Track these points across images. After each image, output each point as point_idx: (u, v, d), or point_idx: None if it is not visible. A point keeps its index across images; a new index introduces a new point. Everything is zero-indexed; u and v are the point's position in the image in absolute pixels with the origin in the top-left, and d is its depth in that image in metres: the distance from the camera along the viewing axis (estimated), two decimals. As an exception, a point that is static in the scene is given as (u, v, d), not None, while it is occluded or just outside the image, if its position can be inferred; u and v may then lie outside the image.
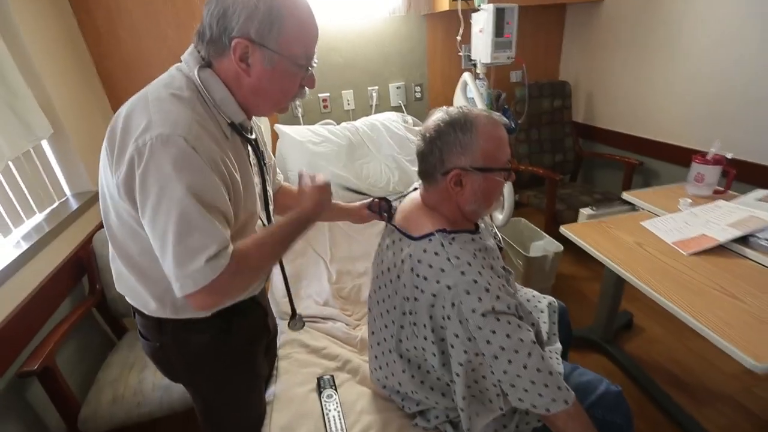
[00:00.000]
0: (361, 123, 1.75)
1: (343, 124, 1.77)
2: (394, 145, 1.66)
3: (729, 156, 1.30)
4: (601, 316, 1.64)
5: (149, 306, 0.74)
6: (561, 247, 1.86)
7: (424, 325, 0.79)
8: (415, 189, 1.01)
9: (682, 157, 1.96)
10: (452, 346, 0.76)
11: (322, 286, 1.42)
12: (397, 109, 2.33)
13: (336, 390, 1.02)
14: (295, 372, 1.10)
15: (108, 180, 0.65)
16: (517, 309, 0.75)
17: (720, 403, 1.40)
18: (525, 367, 0.72)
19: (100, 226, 1.51)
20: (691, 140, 1.93)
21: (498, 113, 0.82)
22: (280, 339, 1.22)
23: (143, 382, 1.21)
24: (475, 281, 0.72)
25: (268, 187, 0.86)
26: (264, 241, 0.71)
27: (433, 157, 0.81)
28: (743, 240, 1.06)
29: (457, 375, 0.77)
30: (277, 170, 1.05)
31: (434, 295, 0.76)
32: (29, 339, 1.14)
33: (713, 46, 1.75)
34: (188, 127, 0.60)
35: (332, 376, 1.07)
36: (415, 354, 0.85)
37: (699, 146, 1.86)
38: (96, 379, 1.25)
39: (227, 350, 0.84)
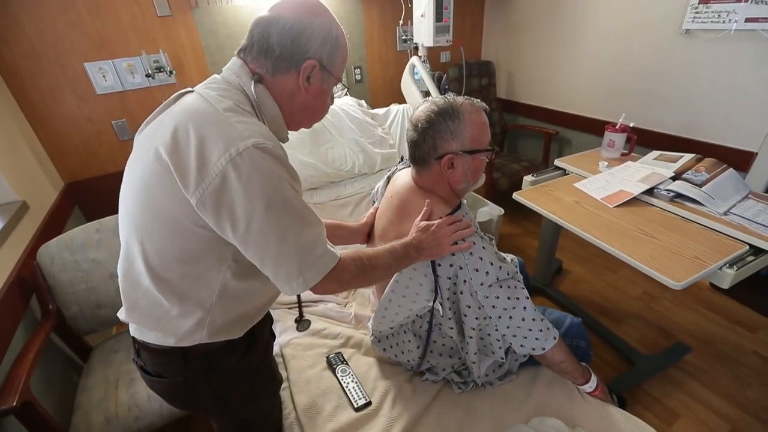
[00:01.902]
0: (320, 109, 1.76)
1: (302, 111, 1.77)
2: (355, 128, 1.71)
3: (631, 125, 1.61)
4: (541, 264, 1.93)
5: (178, 332, 0.70)
6: (502, 211, 2.12)
7: (441, 304, 0.91)
8: (398, 170, 1.11)
9: (590, 127, 2.33)
10: (465, 316, 0.90)
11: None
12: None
13: (347, 364, 1.11)
14: (301, 356, 1.15)
15: (160, 197, 0.62)
16: (511, 271, 0.91)
17: (632, 320, 1.79)
18: (523, 320, 0.88)
19: (40, 240, 1.34)
20: (598, 112, 2.30)
21: (478, 99, 0.94)
22: (278, 327, 1.25)
23: (136, 396, 1.16)
24: (481, 258, 0.86)
25: None
26: (374, 250, 0.80)
27: (426, 145, 0.90)
28: (650, 191, 1.36)
29: (470, 338, 0.91)
30: None
31: (449, 278, 0.88)
32: (-10, 375, 1.01)
33: (611, 32, 2.08)
34: (272, 136, 0.64)
35: (340, 353, 1.14)
36: (426, 329, 0.98)
37: (604, 117, 2.23)
38: (77, 404, 1.16)
39: (253, 365, 0.83)
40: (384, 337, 1.08)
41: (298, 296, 1.10)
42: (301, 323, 1.14)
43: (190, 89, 0.70)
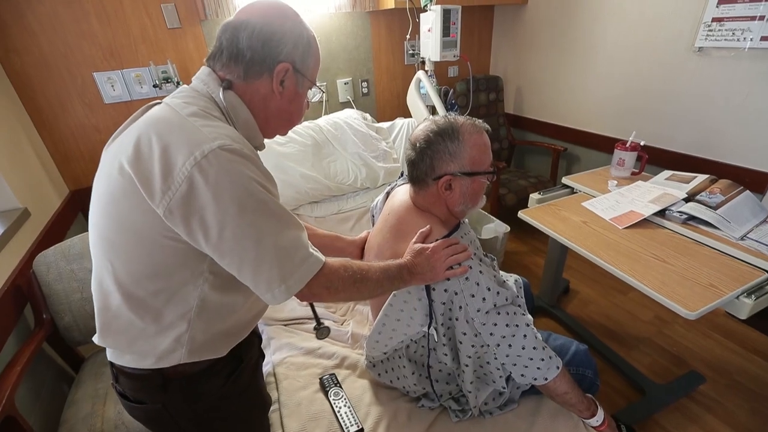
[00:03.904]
0: (324, 122, 1.75)
1: (305, 123, 1.76)
2: (359, 142, 1.70)
3: (642, 143, 1.56)
4: (547, 284, 1.87)
5: (155, 351, 0.66)
6: (508, 228, 2.07)
7: (436, 330, 0.87)
8: (397, 185, 1.08)
9: (599, 144, 2.29)
10: (461, 342, 0.85)
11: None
12: (346, 104, 2.35)
13: (341, 387, 1.06)
14: (294, 376, 1.11)
15: (126, 210, 0.59)
16: (511, 297, 0.87)
17: (642, 345, 1.71)
18: (523, 348, 0.84)
19: (39, 247, 1.33)
20: (607, 129, 2.25)
21: (480, 120, 0.91)
22: (272, 344, 1.22)
23: (123, 413, 1.11)
24: (477, 283, 0.82)
25: None
26: (364, 263, 0.75)
27: (424, 165, 0.88)
28: (661, 213, 1.30)
29: (466, 366, 0.87)
30: None
31: (443, 303, 0.84)
32: (-23, 387, 0.99)
33: (622, 49, 2.05)
34: (241, 139, 0.61)
35: (334, 374, 1.10)
36: (422, 354, 0.93)
37: (614, 134, 2.19)
38: (63, 419, 1.13)
39: (238, 389, 0.79)
40: (379, 361, 1.03)
41: (311, 303, 1.07)
42: (320, 330, 1.11)
43: (158, 101, 0.68)
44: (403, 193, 1.01)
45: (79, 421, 1.11)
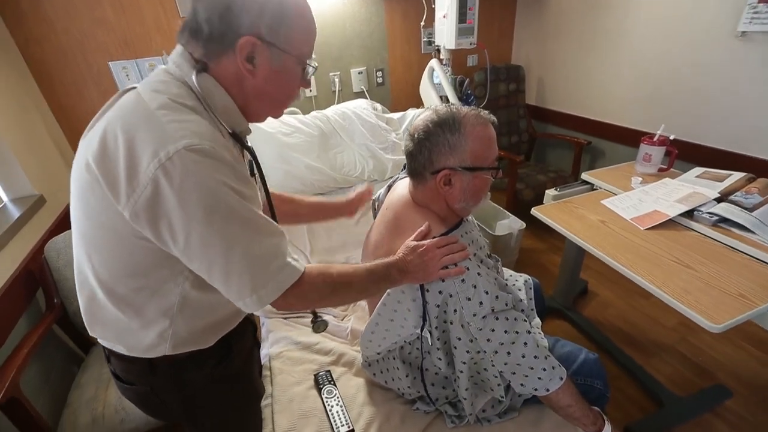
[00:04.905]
0: (332, 112, 1.71)
1: (313, 113, 1.72)
2: (367, 133, 1.65)
3: (671, 137, 1.44)
4: (562, 285, 1.79)
5: (140, 345, 0.66)
6: (524, 225, 1.99)
7: (430, 332, 0.82)
8: (399, 178, 1.03)
9: (626, 137, 2.15)
10: (455, 347, 0.80)
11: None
12: (360, 94, 2.30)
13: (335, 385, 1.04)
14: (289, 371, 1.09)
15: (97, 210, 0.57)
16: (512, 301, 0.81)
17: (663, 353, 1.61)
18: (523, 356, 0.78)
19: (53, 234, 1.37)
20: (635, 122, 2.11)
21: (486, 111, 0.84)
22: (270, 337, 1.21)
23: (124, 397, 1.14)
24: (475, 286, 0.76)
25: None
26: (346, 266, 0.71)
27: (422, 157, 0.82)
28: (689, 214, 1.20)
29: (461, 372, 0.82)
30: None
31: (438, 306, 0.79)
32: (-14, 367, 1.02)
33: (654, 36, 1.90)
34: (211, 135, 0.56)
35: (329, 371, 1.08)
36: (416, 356, 0.89)
37: (642, 127, 2.05)
38: (68, 401, 1.16)
39: (227, 377, 0.79)
40: (374, 360, 1.00)
41: None
42: (317, 324, 1.06)
43: (133, 86, 0.62)
44: (403, 187, 0.96)
45: (82, 404, 1.14)
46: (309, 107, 2.13)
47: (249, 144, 0.71)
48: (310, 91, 2.16)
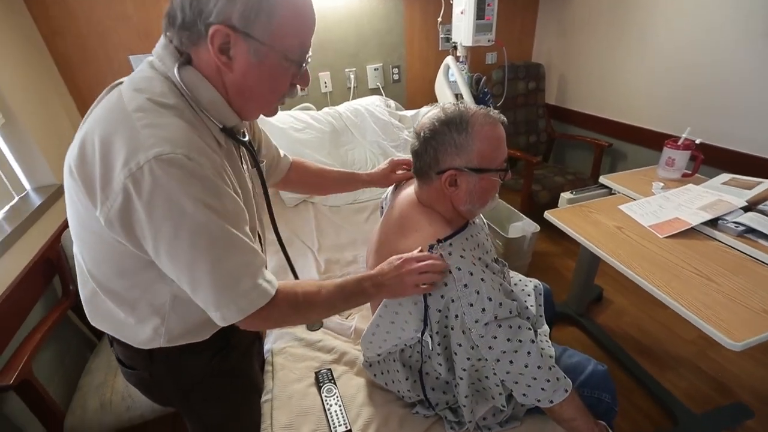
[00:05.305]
0: (344, 108, 1.70)
1: (325, 109, 1.72)
2: (379, 130, 1.63)
3: (697, 141, 1.37)
4: (575, 291, 1.73)
5: (137, 339, 0.68)
6: (538, 228, 1.93)
7: (431, 337, 0.80)
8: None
9: (650, 140, 2.06)
10: (456, 354, 0.78)
11: (311, 277, 1.41)
12: (375, 91, 2.28)
13: (335, 384, 1.03)
14: (291, 367, 1.09)
15: (82, 213, 0.56)
16: (517, 309, 0.78)
17: (680, 367, 1.54)
18: (526, 366, 0.75)
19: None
20: (660, 124, 2.02)
21: (496, 111, 0.81)
22: (273, 332, 1.21)
23: (130, 385, 1.17)
24: (478, 292, 0.73)
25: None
26: (318, 286, 0.68)
27: (427, 157, 0.80)
28: (713, 222, 1.14)
29: (461, 378, 0.80)
30: (278, 149, 0.96)
31: (439, 311, 0.77)
32: (1, 349, 1.06)
33: (682, 34, 1.81)
34: (187, 141, 0.52)
35: (330, 370, 1.07)
36: (416, 359, 0.87)
37: (667, 130, 1.96)
38: (78, 386, 1.20)
39: (225, 369, 0.79)
40: (375, 362, 0.99)
41: None
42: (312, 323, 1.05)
43: (120, 81, 0.60)
44: (410, 186, 0.94)
45: (92, 390, 1.17)
46: (324, 103, 2.12)
47: (246, 137, 0.69)
48: (326, 86, 2.15)
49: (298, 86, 0.65)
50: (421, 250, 0.76)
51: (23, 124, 1.36)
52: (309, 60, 0.62)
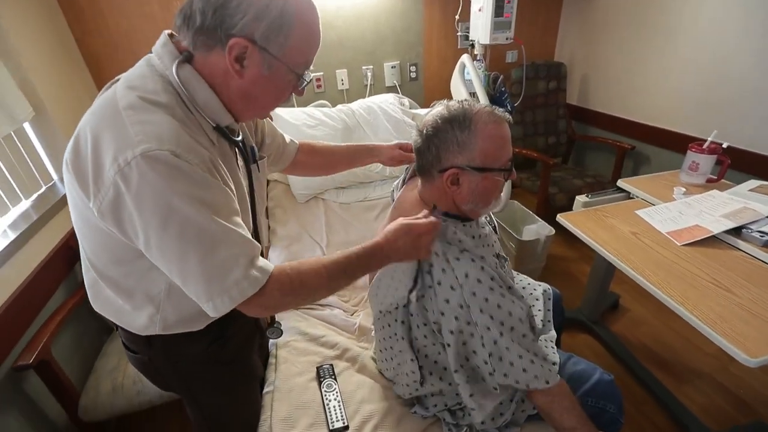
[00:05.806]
0: (357, 105, 1.71)
1: (339, 106, 1.72)
2: (391, 128, 1.63)
3: (724, 145, 1.31)
4: (590, 298, 1.68)
5: (134, 325, 0.70)
6: (553, 231, 1.89)
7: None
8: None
9: (675, 143, 1.98)
10: (443, 314, 0.77)
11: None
12: (392, 89, 2.28)
13: (335, 379, 1.04)
14: (293, 361, 1.11)
15: (79, 204, 0.59)
16: (510, 287, 0.77)
17: (699, 381, 1.48)
18: (513, 341, 0.75)
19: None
20: (686, 126, 1.94)
21: (502, 109, 0.80)
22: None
23: (142, 370, 1.21)
24: (473, 260, 0.75)
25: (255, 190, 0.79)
26: (319, 265, 0.65)
27: (429, 154, 0.79)
28: (736, 231, 1.08)
29: (448, 345, 0.79)
30: (283, 136, 0.97)
31: (431, 266, 0.78)
32: (23, 330, 1.12)
33: (713, 32, 1.73)
34: (175, 138, 0.54)
35: (331, 365, 1.08)
36: (423, 343, 0.87)
37: (693, 132, 1.88)
38: (94, 368, 1.25)
39: (222, 357, 0.81)
40: (383, 348, 0.98)
41: None
42: (270, 328, 0.97)
43: (117, 78, 0.62)
44: (414, 184, 0.94)
45: (105, 373, 1.22)
46: (340, 100, 2.13)
47: (239, 137, 0.70)
48: (342, 83, 2.16)
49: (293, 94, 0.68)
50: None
51: (53, 118, 1.43)
52: (309, 74, 0.66)
